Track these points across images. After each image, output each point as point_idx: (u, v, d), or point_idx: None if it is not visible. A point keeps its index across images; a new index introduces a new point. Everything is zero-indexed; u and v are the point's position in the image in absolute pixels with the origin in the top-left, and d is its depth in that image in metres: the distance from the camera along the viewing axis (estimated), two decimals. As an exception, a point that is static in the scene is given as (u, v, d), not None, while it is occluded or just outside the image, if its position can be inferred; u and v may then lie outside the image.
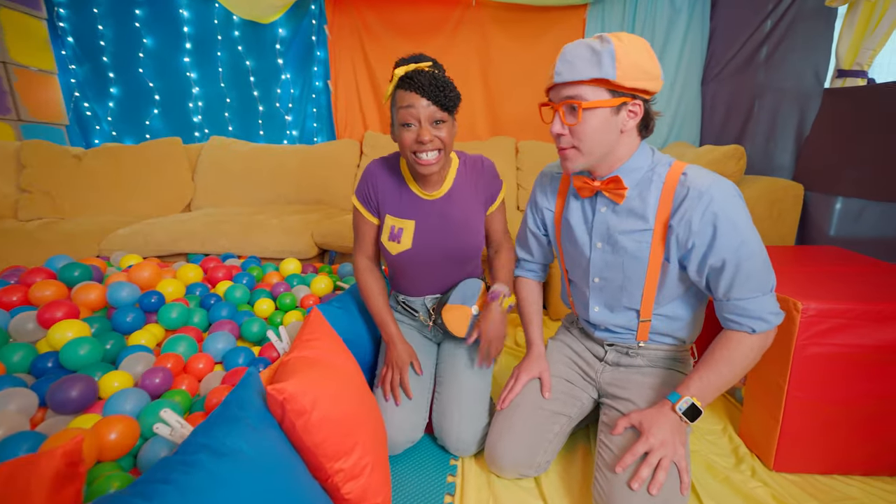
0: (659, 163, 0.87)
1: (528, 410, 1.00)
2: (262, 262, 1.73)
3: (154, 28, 2.79)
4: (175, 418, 0.77)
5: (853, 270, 1.20)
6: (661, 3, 2.46)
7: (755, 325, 0.81)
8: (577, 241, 0.97)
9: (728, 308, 0.83)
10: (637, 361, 1.00)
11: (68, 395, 0.82)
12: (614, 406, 0.97)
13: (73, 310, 1.05)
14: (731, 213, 0.77)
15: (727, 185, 0.79)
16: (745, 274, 0.79)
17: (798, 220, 1.80)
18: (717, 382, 0.83)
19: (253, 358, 1.06)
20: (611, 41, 0.76)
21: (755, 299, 0.80)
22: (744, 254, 0.78)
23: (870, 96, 1.57)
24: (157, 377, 0.92)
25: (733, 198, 0.78)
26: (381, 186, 1.10)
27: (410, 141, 0.96)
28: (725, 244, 0.78)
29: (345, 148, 2.67)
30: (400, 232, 1.09)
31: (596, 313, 1.00)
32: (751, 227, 0.79)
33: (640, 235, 0.87)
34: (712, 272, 0.82)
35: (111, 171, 2.49)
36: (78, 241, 1.90)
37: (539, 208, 1.07)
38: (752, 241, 0.79)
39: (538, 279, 1.19)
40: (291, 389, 0.73)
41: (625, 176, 0.86)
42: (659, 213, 0.84)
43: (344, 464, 0.80)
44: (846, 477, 1.02)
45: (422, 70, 0.95)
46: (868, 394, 0.98)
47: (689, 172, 0.82)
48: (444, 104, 0.95)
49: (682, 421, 0.83)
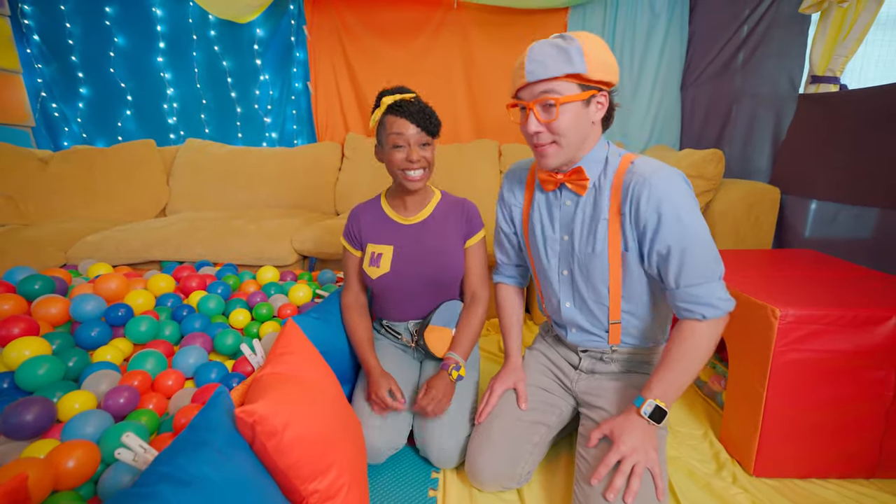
0: (612, 154, 0.90)
1: (506, 422, 0.99)
2: (240, 270, 1.68)
3: (125, 27, 2.70)
4: (138, 443, 0.73)
5: (828, 275, 1.22)
6: (640, 8, 2.48)
7: (705, 311, 0.82)
8: (545, 235, 0.99)
9: (679, 296, 0.84)
10: (611, 367, 1.01)
11: (23, 419, 0.77)
12: (590, 416, 0.97)
13: (32, 326, 0.99)
14: (674, 199, 0.80)
15: (672, 172, 0.82)
16: (691, 260, 0.81)
17: (775, 224, 1.83)
18: (678, 380, 0.84)
19: (226, 373, 1.02)
20: (575, 39, 0.80)
21: (703, 285, 0.82)
22: (689, 240, 0.80)
23: (842, 102, 1.60)
24: (122, 397, 0.87)
25: (678, 184, 0.81)
26: (363, 222, 1.20)
27: (400, 160, 1.07)
28: (670, 230, 0.80)
29: (325, 150, 2.62)
30: (379, 257, 1.17)
31: (567, 309, 1.01)
32: (696, 213, 0.81)
33: (599, 226, 0.89)
34: (660, 259, 0.84)
35: (80, 175, 2.39)
36: (43, 249, 1.81)
37: (507, 204, 1.08)
38: (696, 227, 0.81)
39: (518, 284, 1.19)
40: (262, 411, 0.70)
41: (586, 167, 0.89)
42: (612, 202, 0.87)
43: (319, 484, 0.77)
44: (824, 480, 1.04)
45: (409, 100, 1.08)
46: (844, 398, 0.99)
47: (637, 161, 0.86)
48: (430, 130, 1.07)
49: (650, 424, 0.84)
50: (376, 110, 1.09)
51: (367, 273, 1.18)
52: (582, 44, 0.78)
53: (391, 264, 1.16)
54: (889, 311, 0.95)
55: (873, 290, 1.09)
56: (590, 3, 2.53)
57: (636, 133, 2.62)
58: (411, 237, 1.18)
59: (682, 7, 2.46)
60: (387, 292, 1.20)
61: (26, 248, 1.77)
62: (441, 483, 1.03)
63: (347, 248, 1.24)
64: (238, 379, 1.00)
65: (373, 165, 2.54)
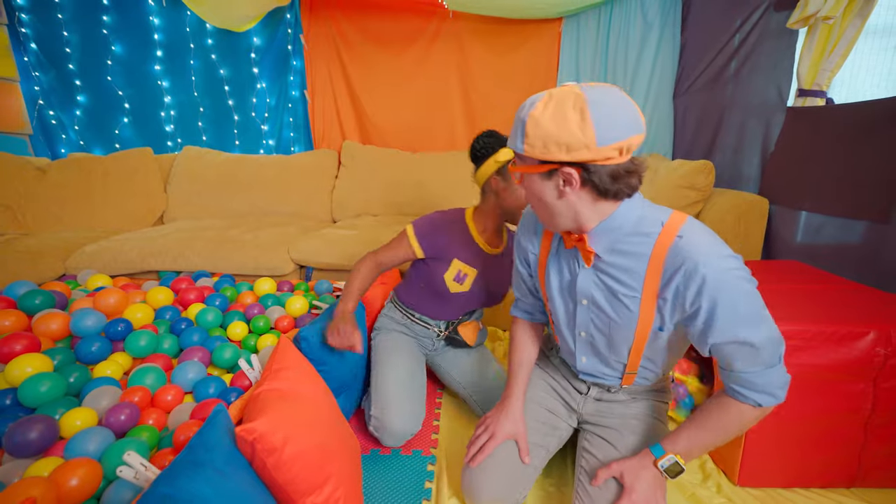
0: (648, 221, 0.76)
1: (509, 445, 0.97)
2: (237, 281, 1.71)
3: (123, 35, 2.71)
4: (139, 461, 0.75)
5: (812, 288, 1.25)
6: (633, 18, 2.51)
7: (761, 399, 0.74)
8: (562, 294, 0.90)
9: (733, 378, 0.76)
10: (619, 396, 0.99)
11: (27, 437, 0.79)
12: (595, 433, 0.97)
13: (33, 342, 1.01)
14: (731, 291, 0.69)
15: (727, 253, 0.71)
16: (750, 351, 0.71)
17: (764, 234, 1.86)
18: (705, 443, 0.80)
19: (224, 388, 1.05)
20: (526, 112, 0.70)
21: (762, 373, 0.73)
22: (748, 331, 0.70)
23: (828, 116, 1.63)
24: (123, 414, 0.89)
25: (735, 273, 0.69)
26: (452, 238, 1.25)
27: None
28: (726, 324, 0.70)
29: (322, 158, 2.65)
30: (465, 277, 1.25)
31: (584, 363, 0.96)
32: (755, 301, 0.71)
33: (628, 301, 0.79)
34: (713, 348, 0.74)
35: (78, 183, 2.40)
36: (42, 260, 1.83)
37: (522, 249, 0.98)
38: (756, 316, 0.70)
39: (536, 321, 1.08)
40: (262, 429, 0.73)
41: (594, 237, 0.78)
42: (648, 280, 0.76)
43: (317, 498, 0.80)
44: (806, 490, 1.07)
45: None
46: (824, 410, 1.02)
47: (686, 235, 0.72)
48: None
49: (663, 476, 0.82)
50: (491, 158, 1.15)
51: (448, 286, 1.25)
52: (530, 118, 0.69)
53: (472, 285, 1.26)
54: (867, 327, 0.98)
55: (854, 304, 1.12)
56: (583, 14, 2.56)
57: (629, 141, 2.65)
58: (493, 266, 1.28)
59: (674, 17, 2.49)
60: (451, 301, 1.29)
61: (25, 259, 1.78)
62: (434, 494, 1.06)
63: (413, 243, 1.23)
64: (236, 394, 1.02)
65: (369, 173, 2.57)
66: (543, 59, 2.68)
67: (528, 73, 2.69)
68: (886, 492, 1.06)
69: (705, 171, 1.87)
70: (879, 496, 1.05)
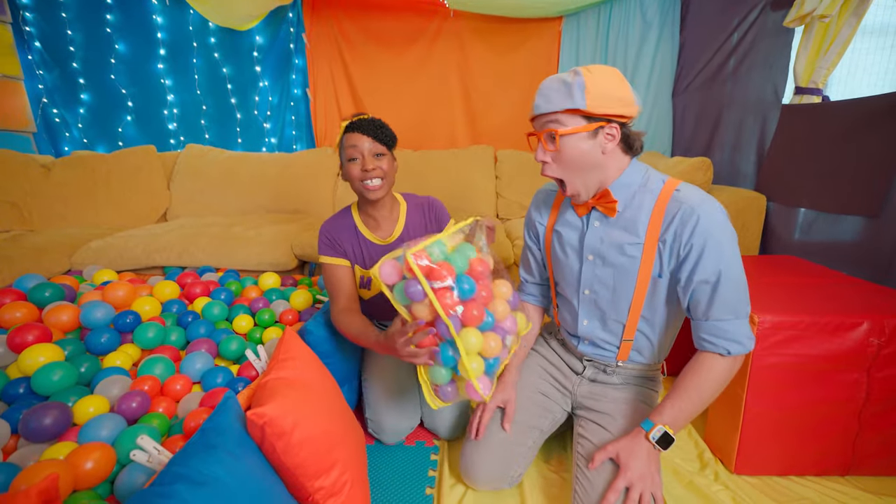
0: (653, 179, 0.90)
1: (502, 429, 1.02)
2: (241, 276, 1.73)
3: (126, 34, 2.73)
4: (152, 444, 0.77)
5: (808, 281, 1.27)
6: (633, 17, 2.54)
7: (730, 346, 0.84)
8: (567, 253, 1.00)
9: (706, 328, 0.86)
10: (613, 379, 1.04)
11: (42, 423, 0.81)
12: (589, 418, 1.00)
13: (45, 333, 1.04)
14: (720, 233, 0.81)
15: (718, 206, 0.84)
16: (725, 295, 0.82)
17: (761, 230, 1.89)
18: (689, 409, 0.86)
19: (231, 378, 1.07)
20: (581, 74, 0.82)
21: (732, 321, 0.83)
22: (727, 275, 0.81)
23: (823, 113, 1.66)
24: (135, 401, 0.92)
25: (723, 219, 0.82)
26: (340, 236, 1.20)
27: (357, 171, 1.11)
28: (711, 263, 0.81)
29: (324, 156, 2.67)
30: (369, 280, 1.21)
31: (585, 326, 1.01)
32: (736, 250, 0.83)
33: (632, 249, 0.89)
34: (695, 289, 0.85)
35: (82, 181, 2.42)
36: (48, 255, 1.85)
37: (532, 223, 1.09)
38: (736, 263, 0.82)
39: (538, 304, 1.18)
40: (271, 413, 0.75)
41: (615, 191, 0.89)
42: (650, 227, 0.87)
43: (324, 482, 0.82)
44: (801, 478, 1.09)
45: (363, 117, 1.13)
46: (819, 400, 1.05)
47: (682, 189, 0.86)
48: (382, 139, 1.11)
49: (656, 448, 0.85)
50: (338, 136, 1.15)
51: (360, 294, 1.22)
52: (587, 79, 0.81)
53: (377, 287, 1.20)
54: (861, 318, 1.00)
55: (849, 296, 1.14)
56: (583, 13, 2.58)
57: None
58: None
59: (673, 16, 2.52)
60: (379, 304, 1.22)
61: (31, 255, 1.80)
62: (437, 480, 1.08)
63: (330, 261, 1.18)
64: (243, 383, 1.04)
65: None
66: (544, 57, 2.70)
67: (529, 72, 2.71)
68: (880, 479, 1.08)
69: (703, 168, 1.89)
70: (873, 483, 1.07)
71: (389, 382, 1.22)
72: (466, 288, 0.81)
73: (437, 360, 0.83)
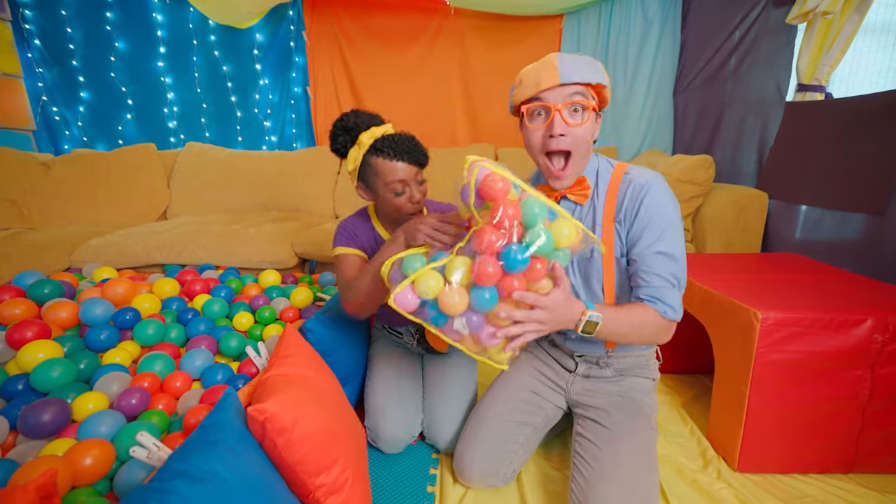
0: (603, 165, 0.93)
1: (493, 422, 1.02)
2: (241, 274, 1.72)
3: (126, 31, 2.73)
4: (152, 441, 0.77)
5: (810, 278, 1.27)
6: (634, 16, 2.53)
7: (665, 310, 0.86)
8: None
9: (646, 292, 0.87)
10: (607, 373, 1.03)
11: (41, 419, 0.81)
12: (585, 415, 1.00)
13: (44, 329, 1.03)
14: (664, 208, 0.85)
15: (664, 182, 0.88)
16: (666, 262, 0.85)
17: (763, 228, 1.88)
18: (621, 322, 0.83)
19: (231, 374, 1.06)
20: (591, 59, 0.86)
21: (669, 290, 0.86)
22: (671, 248, 0.85)
23: (827, 111, 1.65)
24: (134, 398, 0.91)
25: (668, 192, 0.87)
26: (361, 234, 1.13)
27: (404, 203, 1.00)
28: (655, 234, 0.85)
29: (325, 154, 2.65)
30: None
31: None
32: (679, 223, 0.87)
33: (595, 232, 0.90)
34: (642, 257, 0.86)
35: (82, 179, 2.42)
36: (47, 253, 1.84)
37: None
38: (678, 237, 0.86)
39: None
40: (272, 409, 0.74)
41: (588, 177, 0.92)
42: (605, 210, 0.89)
43: (325, 478, 0.81)
44: (804, 476, 1.08)
45: (398, 135, 0.97)
46: (822, 397, 1.04)
47: (631, 171, 0.90)
48: (424, 163, 1.00)
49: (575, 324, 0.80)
50: (353, 149, 0.98)
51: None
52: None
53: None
54: (864, 315, 1.00)
55: (851, 293, 1.14)
56: (584, 11, 2.58)
57: (630, 138, 2.67)
58: None
59: (674, 14, 2.51)
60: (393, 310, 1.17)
61: (30, 252, 1.80)
62: (439, 478, 1.07)
63: (347, 251, 1.11)
64: (244, 380, 1.04)
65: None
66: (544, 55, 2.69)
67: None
68: (883, 477, 1.08)
69: (705, 166, 1.89)
70: (877, 481, 1.06)
71: (389, 387, 1.19)
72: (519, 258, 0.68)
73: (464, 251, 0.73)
